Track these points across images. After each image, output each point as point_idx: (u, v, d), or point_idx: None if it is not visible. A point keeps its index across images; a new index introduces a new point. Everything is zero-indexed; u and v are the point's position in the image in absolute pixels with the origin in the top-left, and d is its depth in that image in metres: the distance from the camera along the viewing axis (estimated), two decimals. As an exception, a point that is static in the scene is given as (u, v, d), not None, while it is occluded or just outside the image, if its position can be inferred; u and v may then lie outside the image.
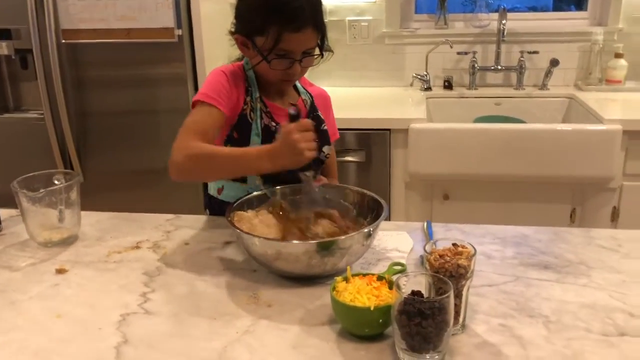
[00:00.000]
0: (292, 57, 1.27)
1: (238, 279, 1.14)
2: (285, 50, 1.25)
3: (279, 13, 1.21)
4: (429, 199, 2.41)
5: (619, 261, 1.17)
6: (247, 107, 1.35)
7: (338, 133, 1.58)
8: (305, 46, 1.27)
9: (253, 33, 1.27)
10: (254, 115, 1.35)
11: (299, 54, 1.27)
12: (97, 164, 2.49)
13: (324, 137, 1.45)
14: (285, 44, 1.24)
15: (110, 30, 2.31)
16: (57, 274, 1.17)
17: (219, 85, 1.31)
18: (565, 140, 2.24)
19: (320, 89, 1.55)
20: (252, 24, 1.27)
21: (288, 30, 1.22)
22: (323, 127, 1.46)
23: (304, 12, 1.22)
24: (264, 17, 1.23)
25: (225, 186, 1.42)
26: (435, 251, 0.96)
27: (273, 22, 1.22)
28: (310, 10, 1.23)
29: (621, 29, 2.73)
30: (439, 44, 2.79)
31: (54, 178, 1.32)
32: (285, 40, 1.23)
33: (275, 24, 1.22)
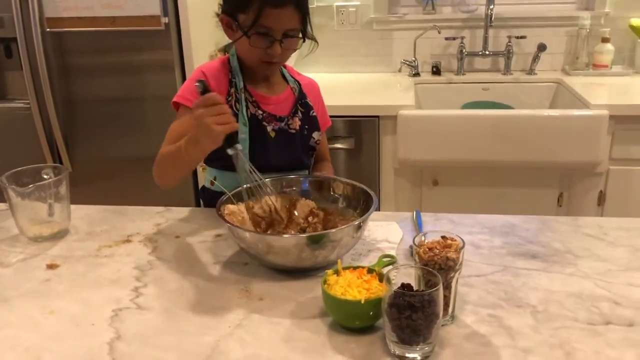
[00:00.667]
0: (273, 35, 1.28)
1: (229, 272, 1.15)
2: (265, 27, 1.27)
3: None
4: (418, 185, 2.42)
5: (605, 249, 1.19)
6: (232, 98, 1.36)
7: (330, 121, 1.59)
8: (286, 25, 1.28)
9: (236, 10, 1.30)
10: (239, 105, 1.36)
11: (280, 33, 1.28)
12: (85, 153, 2.47)
13: (313, 123, 1.47)
14: (266, 19, 1.25)
15: (95, 19, 2.28)
16: (48, 269, 1.18)
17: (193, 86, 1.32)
18: (553, 126, 2.25)
19: (309, 79, 1.56)
20: (236, 1, 1.29)
21: (269, 5, 1.24)
22: (312, 114, 1.47)
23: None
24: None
25: (218, 176, 1.43)
26: (424, 244, 0.97)
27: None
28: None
29: (608, 13, 2.74)
30: (427, 30, 2.79)
31: (43, 172, 1.32)
32: (266, 16, 1.25)
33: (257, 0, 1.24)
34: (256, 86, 1.40)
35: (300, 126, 1.43)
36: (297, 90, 1.47)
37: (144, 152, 2.41)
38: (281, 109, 1.42)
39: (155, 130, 2.40)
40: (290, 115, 1.43)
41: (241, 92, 1.37)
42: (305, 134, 1.45)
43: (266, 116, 1.38)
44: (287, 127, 1.41)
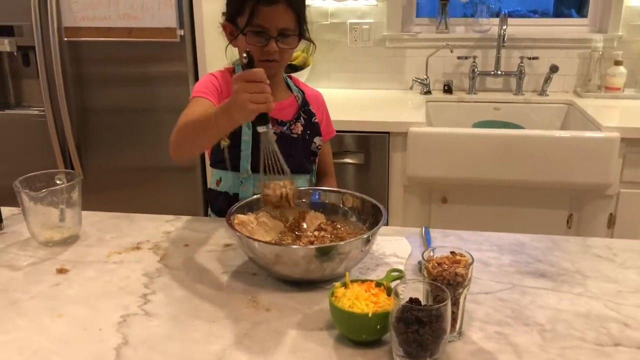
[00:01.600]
0: (268, 33, 1.33)
1: (237, 282, 1.15)
2: (260, 25, 1.32)
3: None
4: (427, 202, 2.42)
5: (615, 271, 1.18)
6: None
7: (334, 131, 1.63)
8: (280, 24, 1.33)
9: (235, 14, 1.36)
10: None
11: (274, 31, 1.33)
12: (97, 162, 2.50)
13: (314, 129, 1.51)
14: (259, 17, 1.31)
15: (112, 29, 2.32)
16: (58, 273, 1.18)
17: (208, 83, 1.42)
18: (564, 147, 2.25)
19: (314, 90, 1.61)
20: (233, 5, 1.37)
21: (261, 3, 1.30)
22: (314, 120, 1.51)
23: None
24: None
25: (222, 177, 1.47)
26: (433, 259, 0.97)
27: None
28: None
29: (621, 36, 2.75)
30: (440, 48, 2.80)
31: (56, 178, 1.33)
32: (259, 14, 1.31)
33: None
34: None
35: (302, 131, 1.48)
36: (300, 98, 1.52)
37: (155, 162, 2.44)
38: (284, 115, 1.47)
39: (167, 141, 2.41)
40: (293, 121, 1.47)
41: None
42: (307, 139, 1.49)
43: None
44: (289, 132, 1.46)
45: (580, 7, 2.96)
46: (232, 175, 1.45)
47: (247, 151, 1.41)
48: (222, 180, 1.47)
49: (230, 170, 1.45)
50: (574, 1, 3.12)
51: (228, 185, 1.46)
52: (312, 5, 2.87)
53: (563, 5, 4.11)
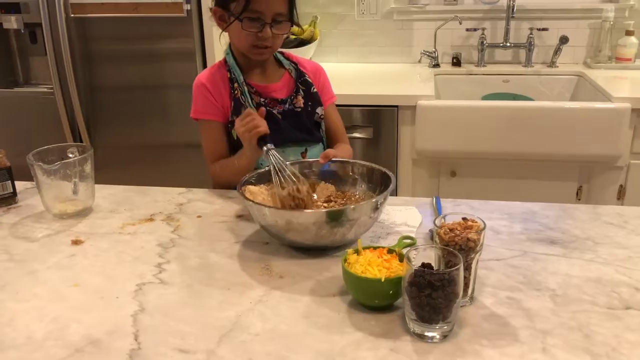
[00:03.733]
0: (263, 19, 1.35)
1: (250, 251, 1.16)
2: (255, 11, 1.34)
3: None
4: (436, 175, 2.42)
5: (625, 237, 1.19)
6: (237, 91, 1.45)
7: (334, 96, 1.63)
8: (275, 9, 1.36)
9: (228, 0, 1.37)
10: (244, 97, 1.45)
11: (269, 17, 1.36)
12: (107, 139, 2.51)
13: (315, 99, 1.53)
14: (256, 3, 1.34)
15: (118, 5, 2.31)
16: (73, 244, 1.20)
17: (203, 99, 1.46)
18: (573, 118, 2.24)
19: (313, 62, 1.62)
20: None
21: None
22: (312, 90, 1.53)
23: None
24: None
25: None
26: (445, 225, 0.98)
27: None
28: None
29: (632, 5, 2.71)
30: (448, 20, 2.77)
31: (68, 151, 1.34)
32: (256, 0, 1.33)
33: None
34: (254, 78, 1.49)
35: (304, 103, 1.50)
36: (293, 71, 1.53)
37: (164, 139, 2.45)
38: (282, 93, 1.50)
39: (175, 117, 2.42)
40: (293, 95, 1.50)
41: (243, 85, 1.45)
42: (310, 110, 1.51)
43: (269, 102, 1.47)
44: (292, 107, 1.49)
45: (591, -22, 2.91)
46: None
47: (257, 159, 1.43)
48: None
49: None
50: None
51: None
52: (319, -21, 2.84)
53: (573, -24, 4.02)
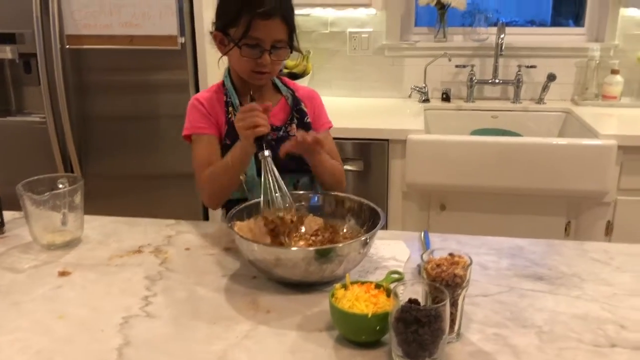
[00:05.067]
0: (262, 45, 1.36)
1: (237, 284, 1.16)
2: (255, 37, 1.35)
3: (250, 2, 1.34)
4: (426, 209, 2.44)
5: (611, 274, 1.20)
6: (231, 114, 1.45)
7: (330, 122, 1.63)
8: (274, 36, 1.37)
9: (228, 25, 1.39)
10: None
11: (268, 44, 1.37)
12: (98, 169, 2.51)
13: (306, 130, 1.51)
14: (255, 31, 1.34)
15: (113, 37, 2.34)
16: (60, 276, 1.19)
17: (198, 114, 1.46)
18: (561, 155, 2.27)
19: (308, 89, 1.63)
20: (227, 16, 1.39)
21: (257, 17, 1.33)
22: (306, 120, 1.53)
23: (272, 3, 1.34)
24: (237, 8, 1.35)
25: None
26: (432, 260, 0.98)
27: (244, 10, 1.34)
28: (278, 3, 1.35)
29: (617, 45, 2.78)
30: (438, 57, 2.83)
31: (59, 182, 1.34)
32: (255, 28, 1.34)
33: (246, 12, 1.33)
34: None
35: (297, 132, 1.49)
36: (290, 98, 1.54)
37: (155, 169, 2.46)
38: (277, 120, 1.49)
39: (167, 148, 2.43)
40: (287, 123, 1.50)
41: (239, 108, 1.45)
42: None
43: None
44: (286, 134, 1.48)
45: (577, 17, 2.99)
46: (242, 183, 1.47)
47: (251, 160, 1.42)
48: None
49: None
50: (571, 11, 3.15)
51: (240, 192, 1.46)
52: (312, 14, 2.90)
53: (560, 15, 4.15)
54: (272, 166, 1.23)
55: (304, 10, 2.82)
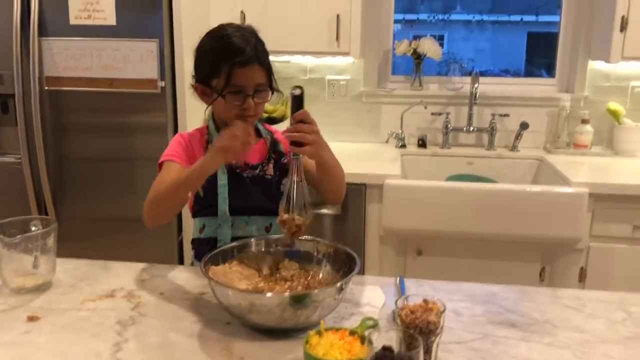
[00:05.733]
0: (245, 91, 1.41)
1: (211, 330, 1.14)
2: (237, 85, 1.40)
3: (227, 53, 1.39)
4: (402, 253, 2.45)
5: (583, 320, 1.21)
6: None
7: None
8: (255, 81, 1.42)
9: (209, 77, 1.43)
10: None
11: (251, 89, 1.41)
12: (73, 210, 2.48)
13: (283, 170, 1.54)
14: (236, 78, 1.39)
15: (93, 79, 2.35)
16: (29, 321, 1.17)
17: (176, 144, 1.50)
18: (535, 201, 2.31)
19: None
20: (207, 69, 1.44)
21: (236, 65, 1.38)
22: (283, 161, 1.55)
23: (248, 50, 1.39)
24: (216, 59, 1.40)
25: (206, 224, 1.50)
26: (406, 307, 0.99)
27: (223, 61, 1.39)
28: (252, 49, 1.40)
29: (587, 96, 2.87)
30: (414, 104, 2.89)
31: (31, 224, 1.33)
32: (236, 75, 1.39)
33: (225, 63, 1.39)
34: None
35: (274, 172, 1.53)
36: (269, 139, 1.58)
37: (131, 211, 2.43)
38: (255, 158, 1.53)
39: (143, 190, 2.38)
40: (265, 162, 1.53)
41: None
42: (277, 180, 1.53)
43: (242, 164, 1.50)
44: (262, 174, 1.51)
45: (550, 68, 3.10)
46: (215, 220, 1.47)
47: (224, 194, 1.45)
48: (205, 227, 1.49)
49: (213, 216, 1.47)
50: (544, 63, 3.26)
51: (212, 230, 1.48)
52: (292, 61, 2.95)
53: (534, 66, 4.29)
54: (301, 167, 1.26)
55: (284, 57, 2.88)
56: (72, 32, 2.32)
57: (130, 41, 2.29)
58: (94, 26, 2.30)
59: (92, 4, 2.28)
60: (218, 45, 1.42)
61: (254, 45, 1.41)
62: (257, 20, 2.60)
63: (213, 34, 1.46)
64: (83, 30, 2.31)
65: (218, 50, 1.41)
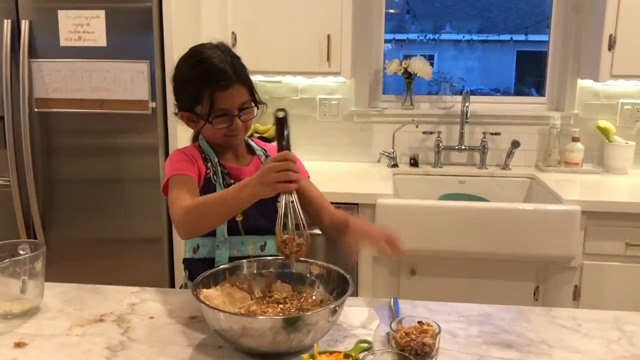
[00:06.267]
0: (231, 113, 1.41)
1: (203, 355, 1.12)
2: (222, 109, 1.40)
3: (207, 79, 1.38)
4: (396, 274, 2.43)
5: (579, 341, 1.20)
6: (210, 170, 1.47)
7: (307, 173, 1.64)
8: (238, 101, 1.42)
9: (192, 104, 1.43)
10: (217, 177, 1.47)
11: (235, 109, 1.41)
12: (62, 233, 2.45)
13: None
14: (220, 102, 1.39)
15: (84, 101, 2.34)
16: (16, 347, 1.14)
17: (180, 158, 1.46)
18: (527, 220, 2.31)
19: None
20: (189, 97, 1.43)
21: (218, 90, 1.38)
22: None
23: (227, 72, 1.39)
24: (196, 87, 1.40)
25: (200, 244, 1.47)
26: (401, 329, 0.97)
27: (204, 87, 1.39)
28: (231, 70, 1.40)
29: (577, 114, 2.89)
30: (405, 124, 2.90)
31: (19, 248, 1.30)
32: (219, 100, 1.39)
33: (206, 88, 1.38)
34: (227, 160, 1.52)
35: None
36: (263, 157, 1.57)
37: (122, 233, 2.41)
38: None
39: (133, 212, 2.40)
40: None
41: (217, 166, 1.48)
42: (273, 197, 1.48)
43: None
44: None
45: (540, 86, 3.12)
46: (210, 240, 1.45)
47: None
48: (199, 247, 1.47)
49: (208, 236, 1.45)
50: (534, 81, 3.29)
51: (207, 250, 1.46)
52: (283, 81, 2.96)
53: (523, 84, 4.33)
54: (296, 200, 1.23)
55: (275, 78, 2.89)
56: (62, 53, 2.31)
57: (120, 62, 2.29)
58: (84, 47, 2.29)
59: (83, 25, 2.27)
60: (196, 72, 1.41)
61: (231, 64, 1.41)
62: (249, 40, 2.62)
63: (189, 60, 1.44)
64: (73, 52, 2.30)
65: (197, 78, 1.40)
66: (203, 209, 1.31)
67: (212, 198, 1.33)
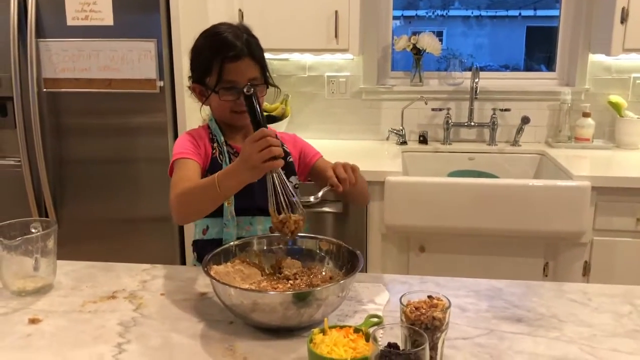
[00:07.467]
0: (238, 86, 1.40)
1: (214, 330, 1.13)
2: (230, 81, 1.41)
3: (218, 49, 1.40)
4: (405, 251, 2.43)
5: (590, 315, 1.20)
6: (216, 150, 1.48)
7: (319, 153, 1.64)
8: (247, 76, 1.41)
9: (202, 76, 1.45)
10: (223, 157, 1.46)
11: (244, 84, 1.39)
12: (73, 213, 2.47)
13: (290, 169, 1.53)
14: (228, 74, 1.40)
15: (92, 80, 2.34)
16: (30, 323, 1.16)
17: (186, 142, 1.47)
18: (537, 196, 2.30)
19: (289, 134, 1.66)
20: (200, 68, 1.45)
21: (227, 60, 1.39)
22: (289, 159, 1.53)
23: (238, 44, 1.40)
24: (207, 57, 1.42)
25: (209, 225, 1.48)
26: (410, 303, 0.97)
27: (214, 58, 1.40)
28: (244, 43, 1.41)
29: (588, 89, 2.85)
30: (414, 100, 2.88)
31: (31, 226, 1.32)
32: (227, 71, 1.40)
33: (216, 59, 1.40)
34: (235, 140, 1.52)
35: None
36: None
37: (132, 213, 2.43)
38: None
39: (143, 191, 2.41)
40: None
41: (223, 145, 1.48)
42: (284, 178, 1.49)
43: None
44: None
45: (549, 62, 3.08)
46: (219, 220, 1.45)
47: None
48: (209, 227, 1.48)
49: (216, 216, 1.45)
50: (543, 57, 3.25)
51: (216, 231, 1.46)
52: (291, 59, 2.94)
53: (533, 60, 4.28)
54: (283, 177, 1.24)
55: (282, 55, 2.86)
56: (69, 33, 2.30)
57: (128, 41, 2.28)
58: (91, 27, 2.29)
59: (89, 4, 2.26)
60: (209, 42, 1.43)
61: (245, 40, 1.42)
62: (255, 18, 2.60)
63: (205, 33, 1.47)
64: (80, 31, 2.29)
65: (209, 47, 1.42)
66: (191, 196, 1.30)
67: (201, 184, 1.31)
